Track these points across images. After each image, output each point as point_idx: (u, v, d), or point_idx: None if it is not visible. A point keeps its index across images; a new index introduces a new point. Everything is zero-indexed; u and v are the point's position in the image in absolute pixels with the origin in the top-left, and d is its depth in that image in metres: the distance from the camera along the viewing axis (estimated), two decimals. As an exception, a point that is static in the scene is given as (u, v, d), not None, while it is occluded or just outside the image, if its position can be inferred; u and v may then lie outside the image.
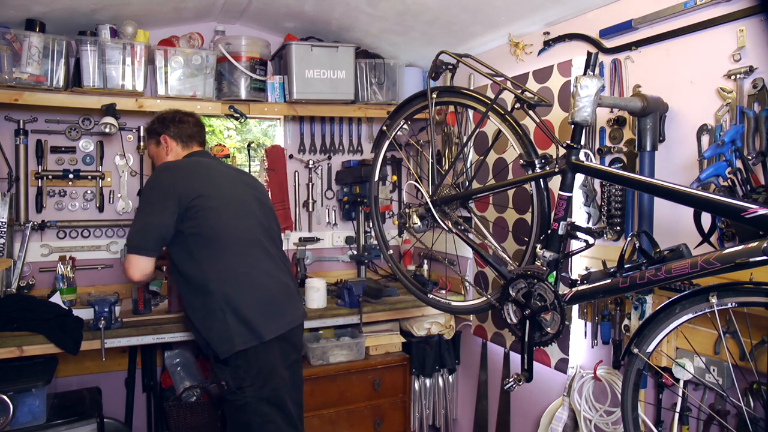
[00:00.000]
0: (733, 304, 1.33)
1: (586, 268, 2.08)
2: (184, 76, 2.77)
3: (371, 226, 2.92)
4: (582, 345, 2.27)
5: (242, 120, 2.96)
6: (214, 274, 2.02)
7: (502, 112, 1.85)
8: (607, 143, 2.09)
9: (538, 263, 1.69)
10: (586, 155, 1.63)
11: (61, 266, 2.70)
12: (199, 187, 2.08)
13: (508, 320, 1.77)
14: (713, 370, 1.72)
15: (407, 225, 2.12)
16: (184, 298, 2.15)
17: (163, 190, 2.07)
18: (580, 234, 1.64)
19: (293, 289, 2.23)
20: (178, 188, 2.05)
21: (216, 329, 2.00)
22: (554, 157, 1.72)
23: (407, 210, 2.13)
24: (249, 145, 3.24)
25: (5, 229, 2.59)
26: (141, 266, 2.04)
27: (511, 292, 1.74)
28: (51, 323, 2.27)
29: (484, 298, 1.97)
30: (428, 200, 2.04)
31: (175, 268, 2.12)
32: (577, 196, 2.14)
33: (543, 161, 1.77)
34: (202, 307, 2.03)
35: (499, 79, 1.86)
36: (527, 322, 1.71)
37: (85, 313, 2.37)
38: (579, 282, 1.63)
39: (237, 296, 2.01)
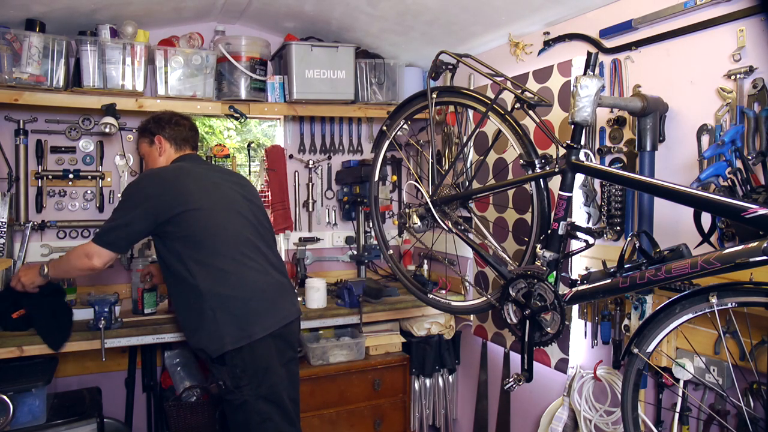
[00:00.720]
0: (733, 304, 1.33)
1: (586, 268, 2.08)
2: (184, 76, 2.77)
3: (371, 226, 2.92)
4: (582, 345, 2.26)
5: (242, 120, 2.96)
6: (203, 275, 2.02)
7: (502, 112, 1.85)
8: (607, 143, 2.09)
9: (538, 263, 1.69)
10: (586, 155, 1.63)
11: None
12: (184, 196, 2.08)
13: (508, 320, 1.77)
14: (713, 370, 1.72)
15: (407, 225, 2.12)
16: (174, 299, 2.17)
17: (144, 198, 2.08)
18: (580, 234, 1.64)
19: (287, 286, 2.23)
20: (159, 201, 2.06)
21: (206, 328, 2.01)
22: (554, 157, 1.72)
23: (407, 210, 2.12)
24: (249, 145, 3.24)
25: (5, 229, 2.59)
26: (106, 258, 2.12)
27: (511, 292, 1.74)
28: (46, 302, 2.31)
29: (484, 298, 1.97)
30: (428, 200, 2.04)
31: (166, 269, 2.13)
32: (577, 196, 2.14)
33: (543, 161, 1.77)
34: (192, 307, 2.05)
35: (499, 79, 1.86)
36: (527, 322, 1.71)
37: (85, 313, 2.38)
38: (579, 282, 1.63)
39: (227, 295, 2.02)
